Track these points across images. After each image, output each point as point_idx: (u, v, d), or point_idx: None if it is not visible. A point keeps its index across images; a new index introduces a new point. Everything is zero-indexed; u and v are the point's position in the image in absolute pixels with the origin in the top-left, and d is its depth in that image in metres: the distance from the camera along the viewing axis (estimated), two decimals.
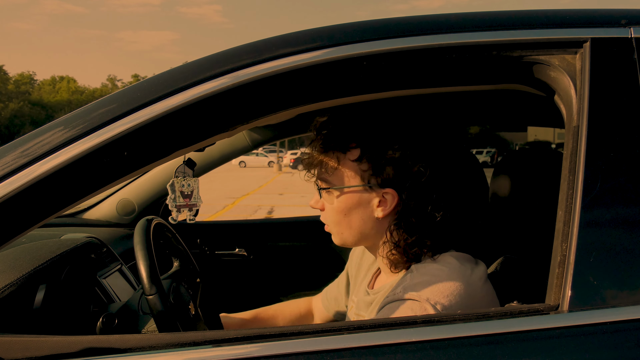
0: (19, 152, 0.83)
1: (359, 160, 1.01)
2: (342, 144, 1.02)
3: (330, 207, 1.07)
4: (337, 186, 1.04)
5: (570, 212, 0.80)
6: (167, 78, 0.87)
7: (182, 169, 1.22)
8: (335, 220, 1.07)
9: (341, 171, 1.03)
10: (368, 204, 1.03)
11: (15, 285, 1.16)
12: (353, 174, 1.02)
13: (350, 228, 1.06)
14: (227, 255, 2.44)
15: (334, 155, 1.03)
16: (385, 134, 1.01)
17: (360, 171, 1.02)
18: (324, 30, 0.90)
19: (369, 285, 1.18)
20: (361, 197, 1.03)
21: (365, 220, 1.04)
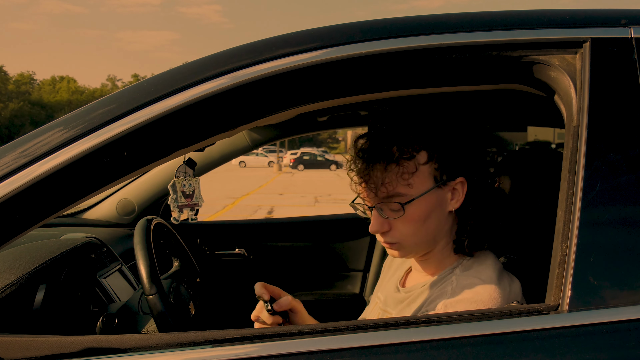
0: (19, 153, 0.83)
1: (430, 161, 0.98)
2: (409, 150, 0.97)
3: (403, 221, 0.99)
4: (416, 196, 0.97)
5: (570, 212, 0.80)
6: (167, 78, 0.87)
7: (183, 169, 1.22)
8: (411, 232, 1.00)
9: (415, 179, 0.97)
10: (443, 202, 1.00)
11: (15, 285, 1.16)
12: (427, 177, 0.98)
13: (427, 234, 1.01)
14: (227, 255, 2.44)
15: (402, 166, 0.97)
16: (443, 126, 1.00)
17: (433, 171, 0.98)
18: (323, 30, 0.90)
19: (400, 282, 1.15)
20: (438, 197, 0.99)
21: (440, 219, 1.01)
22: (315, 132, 2.19)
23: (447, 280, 1.00)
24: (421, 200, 0.97)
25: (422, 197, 0.97)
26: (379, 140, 0.99)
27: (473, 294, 0.93)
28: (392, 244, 1.03)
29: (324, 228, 2.50)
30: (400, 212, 0.98)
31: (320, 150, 37.62)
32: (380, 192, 0.98)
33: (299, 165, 31.39)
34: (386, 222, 1.01)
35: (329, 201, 13.41)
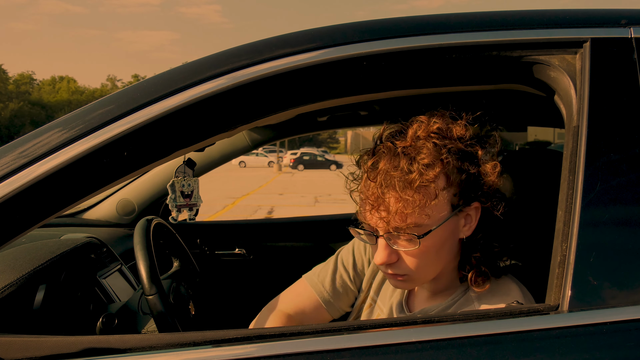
0: (18, 153, 0.83)
1: (449, 186, 0.88)
2: (430, 174, 0.85)
3: (416, 252, 0.89)
4: (434, 227, 0.87)
5: (570, 212, 0.80)
6: (166, 79, 0.87)
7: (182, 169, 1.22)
8: (422, 264, 0.90)
9: (435, 207, 0.86)
10: (456, 229, 0.91)
11: (15, 285, 1.16)
12: (445, 204, 0.88)
13: (437, 264, 0.92)
14: (227, 255, 2.44)
15: (422, 194, 0.84)
16: (462, 148, 0.90)
17: (451, 197, 0.88)
18: (323, 30, 0.90)
19: (404, 300, 1.05)
20: (453, 225, 0.90)
21: (451, 247, 0.92)
22: (315, 132, 2.19)
23: (465, 302, 0.95)
24: (438, 230, 0.87)
25: (438, 227, 0.87)
26: (394, 161, 0.86)
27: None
28: (400, 276, 0.92)
29: (324, 228, 2.49)
30: (415, 244, 0.87)
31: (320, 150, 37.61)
32: (393, 222, 0.86)
33: (299, 165, 31.40)
34: (395, 252, 0.90)
35: (329, 201, 13.41)
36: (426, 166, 0.85)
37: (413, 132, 0.89)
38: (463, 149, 0.89)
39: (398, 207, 0.84)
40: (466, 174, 0.88)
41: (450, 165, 0.87)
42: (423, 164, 0.85)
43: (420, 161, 0.85)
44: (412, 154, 0.86)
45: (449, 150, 0.87)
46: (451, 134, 0.90)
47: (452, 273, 0.98)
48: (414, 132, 0.89)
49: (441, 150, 0.87)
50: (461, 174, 0.88)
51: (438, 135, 0.89)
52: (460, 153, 0.89)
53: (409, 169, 0.85)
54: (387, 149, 0.89)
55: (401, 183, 0.84)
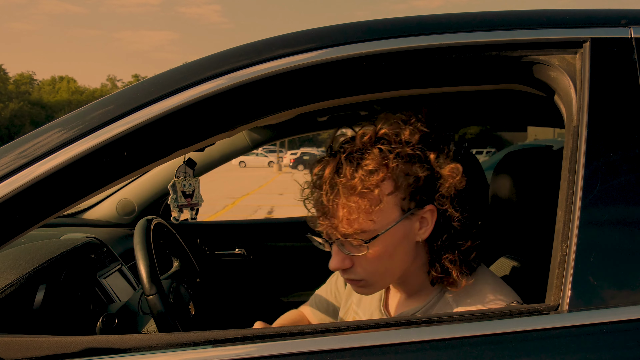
0: (18, 153, 0.83)
1: (396, 191, 0.88)
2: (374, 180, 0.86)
3: (368, 257, 0.90)
4: (381, 232, 0.88)
5: (570, 212, 0.80)
6: (165, 79, 0.87)
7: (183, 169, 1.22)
8: (375, 269, 0.91)
9: (379, 213, 0.87)
10: (410, 233, 0.91)
11: (15, 285, 1.16)
12: (392, 208, 0.88)
13: (394, 269, 0.93)
14: (227, 255, 2.44)
15: (366, 199, 0.86)
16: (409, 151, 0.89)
17: (399, 201, 0.88)
18: (323, 30, 0.90)
19: (382, 303, 1.06)
20: (405, 229, 0.90)
21: (407, 251, 0.92)
22: (315, 132, 2.19)
23: (442, 304, 0.94)
24: (386, 235, 0.88)
25: (387, 232, 0.88)
26: (338, 169, 0.88)
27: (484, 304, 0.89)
28: (357, 281, 0.94)
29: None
30: (363, 249, 0.88)
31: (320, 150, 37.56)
32: (341, 229, 0.88)
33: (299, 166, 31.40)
34: (348, 258, 0.91)
35: None
36: (369, 172, 0.86)
37: (359, 138, 0.90)
38: (410, 153, 0.89)
39: (343, 213, 0.86)
40: (415, 177, 0.88)
41: (398, 170, 0.88)
42: (366, 170, 0.86)
43: (364, 167, 0.86)
44: (356, 161, 0.87)
45: (396, 155, 0.88)
46: (398, 139, 0.90)
47: (420, 275, 0.95)
48: (359, 138, 0.90)
49: (387, 156, 0.87)
50: (409, 178, 0.88)
51: (384, 140, 0.90)
52: (408, 157, 0.89)
53: (353, 175, 0.86)
54: (334, 156, 0.90)
55: (345, 190, 0.86)
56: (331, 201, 0.87)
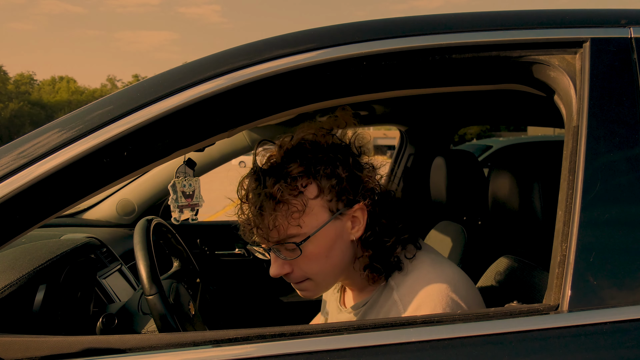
0: (17, 154, 0.83)
1: (319, 195, 0.92)
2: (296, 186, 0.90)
3: (303, 260, 0.94)
4: (310, 233, 0.92)
5: (570, 212, 0.80)
6: (165, 80, 0.87)
7: (183, 169, 1.22)
8: (316, 269, 0.95)
9: (306, 217, 0.91)
10: (344, 232, 0.95)
11: (15, 285, 1.16)
12: (320, 211, 0.92)
13: (334, 267, 0.96)
14: (227, 255, 2.44)
15: (290, 205, 0.90)
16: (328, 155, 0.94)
17: (326, 203, 0.92)
18: (323, 30, 0.90)
19: (340, 301, 1.11)
20: (336, 229, 0.94)
21: (344, 250, 0.95)
22: None
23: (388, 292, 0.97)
24: (317, 236, 0.91)
25: (318, 233, 0.91)
26: (262, 180, 0.92)
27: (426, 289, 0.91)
28: (300, 284, 0.97)
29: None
30: (297, 252, 0.92)
31: None
32: (272, 236, 0.92)
33: None
34: (286, 263, 0.95)
35: None
36: (291, 179, 0.90)
37: (277, 149, 0.95)
38: (331, 157, 0.93)
39: (269, 221, 0.90)
40: (337, 179, 0.92)
41: (319, 174, 0.91)
42: (289, 177, 0.91)
43: (284, 176, 0.91)
44: (278, 171, 0.92)
45: (316, 160, 0.92)
46: (318, 145, 0.94)
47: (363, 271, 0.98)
48: (278, 149, 0.95)
49: (307, 162, 0.92)
50: (332, 181, 0.92)
51: (303, 148, 0.94)
52: (328, 161, 0.93)
53: (273, 185, 0.90)
54: (256, 169, 0.95)
55: (267, 199, 0.90)
56: (257, 212, 0.91)
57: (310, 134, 0.96)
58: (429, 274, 0.93)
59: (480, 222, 1.82)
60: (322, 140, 0.96)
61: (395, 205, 0.99)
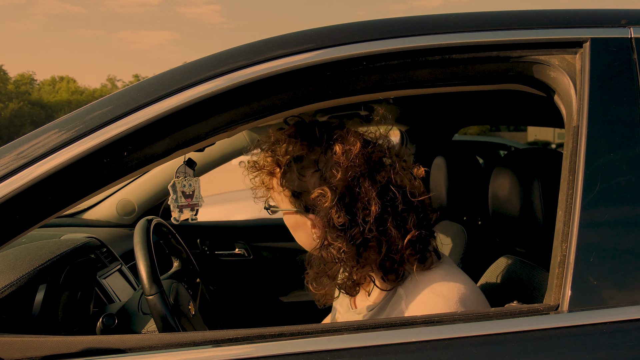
0: (16, 154, 0.83)
1: (280, 189, 1.01)
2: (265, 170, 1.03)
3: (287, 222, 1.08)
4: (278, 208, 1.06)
5: (570, 212, 0.80)
6: (163, 80, 0.87)
7: (183, 169, 1.22)
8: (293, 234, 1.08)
9: (275, 195, 1.05)
10: (304, 227, 1.02)
11: (15, 285, 1.16)
12: (284, 200, 1.03)
13: (306, 246, 1.06)
14: (227, 255, 2.44)
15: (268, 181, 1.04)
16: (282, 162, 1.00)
17: (288, 198, 1.02)
18: (323, 30, 0.90)
19: (351, 300, 1.13)
20: (297, 220, 1.03)
21: (308, 238, 1.03)
22: None
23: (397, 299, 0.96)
24: (283, 213, 1.04)
25: (282, 212, 1.04)
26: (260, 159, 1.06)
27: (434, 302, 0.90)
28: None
29: None
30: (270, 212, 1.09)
31: None
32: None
33: None
34: None
35: None
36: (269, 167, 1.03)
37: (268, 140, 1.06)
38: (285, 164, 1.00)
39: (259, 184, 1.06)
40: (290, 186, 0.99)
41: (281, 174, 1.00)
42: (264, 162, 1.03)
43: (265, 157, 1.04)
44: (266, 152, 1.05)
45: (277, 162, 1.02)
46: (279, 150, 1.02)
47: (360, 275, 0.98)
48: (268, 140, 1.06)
49: (275, 159, 1.02)
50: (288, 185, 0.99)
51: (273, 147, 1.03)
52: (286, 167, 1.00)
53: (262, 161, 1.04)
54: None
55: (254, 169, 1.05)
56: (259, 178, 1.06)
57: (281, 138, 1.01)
58: (439, 287, 0.92)
59: (480, 222, 1.82)
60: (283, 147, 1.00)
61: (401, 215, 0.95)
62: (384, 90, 0.95)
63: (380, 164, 0.96)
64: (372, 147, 0.97)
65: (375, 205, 0.92)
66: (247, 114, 0.90)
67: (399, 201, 0.93)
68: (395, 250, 0.94)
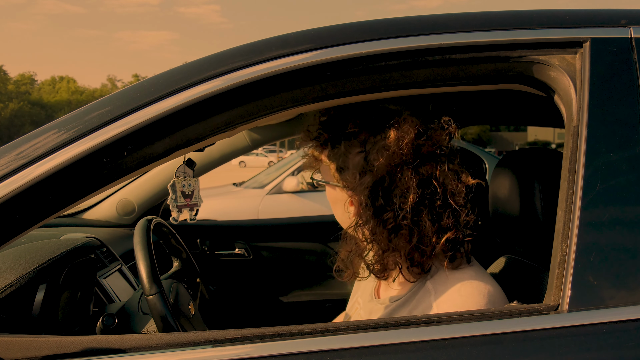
0: (15, 155, 0.83)
1: (328, 162, 1.04)
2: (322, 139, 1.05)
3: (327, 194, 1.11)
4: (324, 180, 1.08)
5: (570, 212, 0.80)
6: (163, 81, 0.87)
7: (183, 169, 1.22)
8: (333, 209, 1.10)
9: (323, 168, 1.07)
10: (342, 202, 1.04)
11: (15, 285, 1.16)
12: (330, 172, 1.05)
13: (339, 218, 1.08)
14: (227, 255, 2.44)
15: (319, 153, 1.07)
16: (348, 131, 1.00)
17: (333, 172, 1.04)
18: (323, 30, 0.90)
19: (375, 289, 1.13)
20: (337, 194, 1.05)
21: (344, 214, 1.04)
22: None
23: (424, 293, 0.96)
24: (326, 186, 1.08)
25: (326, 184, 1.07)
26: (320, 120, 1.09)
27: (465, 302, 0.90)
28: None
29: (324, 228, 2.50)
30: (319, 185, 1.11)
31: None
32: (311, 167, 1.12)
33: None
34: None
35: None
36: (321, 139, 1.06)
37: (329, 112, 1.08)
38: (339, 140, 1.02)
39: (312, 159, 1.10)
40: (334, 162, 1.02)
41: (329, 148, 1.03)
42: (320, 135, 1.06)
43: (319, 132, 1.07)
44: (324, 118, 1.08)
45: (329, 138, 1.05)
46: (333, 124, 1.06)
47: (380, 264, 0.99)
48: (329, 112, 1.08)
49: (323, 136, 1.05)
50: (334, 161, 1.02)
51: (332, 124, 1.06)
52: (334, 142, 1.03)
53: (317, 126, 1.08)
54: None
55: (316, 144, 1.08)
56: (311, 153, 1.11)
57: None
58: (469, 287, 0.93)
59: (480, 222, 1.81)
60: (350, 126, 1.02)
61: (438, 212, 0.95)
62: (384, 90, 0.95)
63: (427, 158, 0.95)
64: (425, 140, 0.96)
65: (413, 194, 0.92)
66: (247, 114, 0.90)
67: (438, 197, 0.93)
68: (426, 242, 0.94)
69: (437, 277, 0.97)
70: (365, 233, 0.97)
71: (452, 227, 0.94)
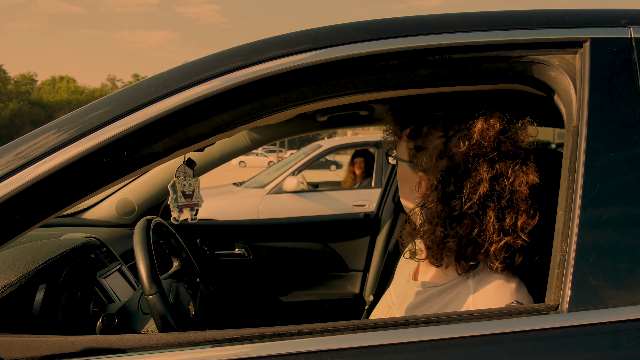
0: (14, 155, 0.83)
1: (409, 138, 1.06)
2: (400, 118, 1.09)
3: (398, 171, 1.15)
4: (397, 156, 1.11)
5: (570, 212, 0.80)
6: (162, 81, 0.87)
7: (183, 169, 1.22)
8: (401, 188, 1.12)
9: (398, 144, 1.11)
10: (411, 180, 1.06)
11: (15, 285, 1.16)
12: (404, 150, 1.08)
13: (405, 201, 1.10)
14: (227, 255, 2.44)
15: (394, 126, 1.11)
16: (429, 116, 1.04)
17: (409, 149, 1.06)
18: (322, 30, 0.90)
19: (413, 273, 1.15)
20: (407, 172, 1.07)
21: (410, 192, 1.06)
22: (315, 132, 2.19)
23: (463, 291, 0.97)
24: (398, 162, 1.10)
25: (397, 160, 1.10)
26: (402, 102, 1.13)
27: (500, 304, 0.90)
28: None
29: (324, 228, 2.50)
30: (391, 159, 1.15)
31: None
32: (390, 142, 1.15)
33: None
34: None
35: None
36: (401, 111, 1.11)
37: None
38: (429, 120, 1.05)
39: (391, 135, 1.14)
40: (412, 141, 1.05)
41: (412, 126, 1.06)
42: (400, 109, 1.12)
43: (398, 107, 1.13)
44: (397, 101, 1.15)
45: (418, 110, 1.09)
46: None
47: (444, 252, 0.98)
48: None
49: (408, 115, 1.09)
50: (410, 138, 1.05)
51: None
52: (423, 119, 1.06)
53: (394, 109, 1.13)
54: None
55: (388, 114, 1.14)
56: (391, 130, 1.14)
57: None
58: (510, 291, 0.93)
59: None
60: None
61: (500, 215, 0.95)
62: (384, 90, 0.95)
63: (504, 155, 0.95)
64: (507, 137, 0.96)
65: (484, 187, 0.93)
66: (247, 114, 0.90)
67: (506, 196, 0.93)
68: (484, 237, 0.94)
69: (480, 276, 0.97)
70: (428, 215, 0.98)
71: (512, 232, 0.94)
